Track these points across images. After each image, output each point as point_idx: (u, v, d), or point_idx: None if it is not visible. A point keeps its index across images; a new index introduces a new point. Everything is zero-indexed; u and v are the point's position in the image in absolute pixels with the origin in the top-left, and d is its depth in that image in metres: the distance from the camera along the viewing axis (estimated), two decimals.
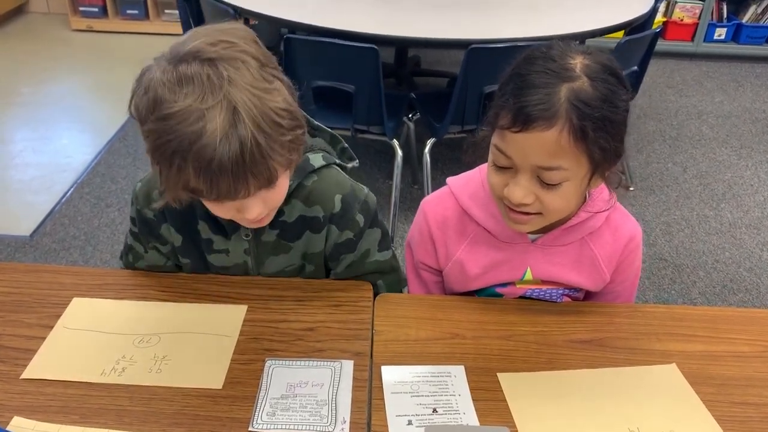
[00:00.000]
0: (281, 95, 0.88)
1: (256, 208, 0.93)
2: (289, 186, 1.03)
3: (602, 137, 0.90)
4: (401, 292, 1.24)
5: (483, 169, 1.08)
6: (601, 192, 1.07)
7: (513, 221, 1.01)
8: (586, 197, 1.06)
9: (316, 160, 1.08)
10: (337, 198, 1.08)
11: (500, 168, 0.97)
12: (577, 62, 0.91)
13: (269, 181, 0.89)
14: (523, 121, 0.89)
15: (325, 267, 1.17)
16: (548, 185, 0.93)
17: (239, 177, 0.85)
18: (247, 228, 1.08)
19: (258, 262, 1.13)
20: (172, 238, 1.12)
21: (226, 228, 1.08)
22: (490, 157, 0.99)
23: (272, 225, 1.07)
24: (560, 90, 0.89)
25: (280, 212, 1.06)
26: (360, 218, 1.10)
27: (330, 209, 1.08)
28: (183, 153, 0.82)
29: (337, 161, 1.12)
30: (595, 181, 0.98)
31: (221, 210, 0.95)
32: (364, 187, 1.13)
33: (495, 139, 0.96)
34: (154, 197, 1.08)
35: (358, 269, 1.14)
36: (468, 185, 1.12)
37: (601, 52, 0.95)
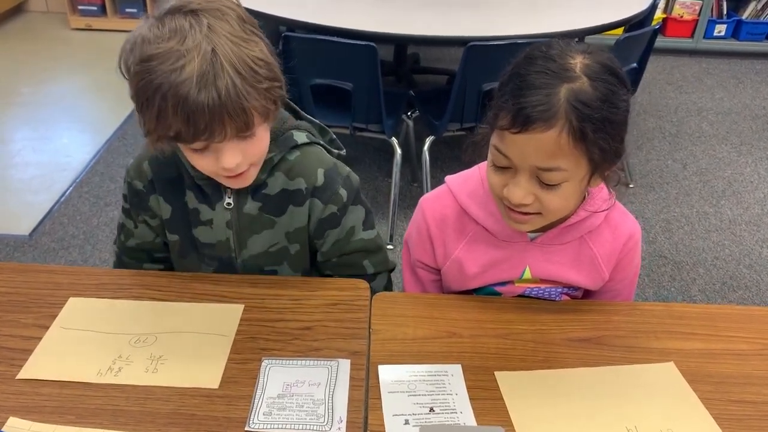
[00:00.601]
0: (259, 47, 0.93)
1: (234, 157, 0.95)
2: (273, 158, 1.07)
3: (602, 138, 0.89)
4: (390, 272, 1.25)
5: (482, 167, 1.07)
6: (601, 191, 1.06)
7: (513, 220, 1.00)
8: (585, 196, 1.06)
9: (300, 137, 1.11)
10: (320, 171, 1.11)
11: (500, 168, 0.96)
12: (577, 62, 0.90)
13: (246, 125, 0.92)
14: (522, 122, 0.89)
15: (310, 250, 1.17)
16: (547, 185, 0.93)
17: (215, 115, 0.88)
18: (230, 197, 1.10)
19: (240, 239, 1.13)
20: (160, 211, 1.15)
21: (210, 196, 1.11)
22: (490, 157, 0.98)
23: (254, 196, 1.10)
24: (560, 91, 0.88)
25: (262, 185, 1.09)
26: (343, 192, 1.12)
27: (312, 182, 1.10)
28: (163, 91, 0.87)
29: (322, 142, 1.14)
30: (594, 181, 0.97)
31: (202, 161, 0.98)
32: (347, 167, 1.15)
33: (494, 140, 0.96)
34: (144, 168, 1.13)
35: (344, 247, 1.15)
36: (467, 183, 1.12)
37: (601, 51, 0.94)
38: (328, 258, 1.17)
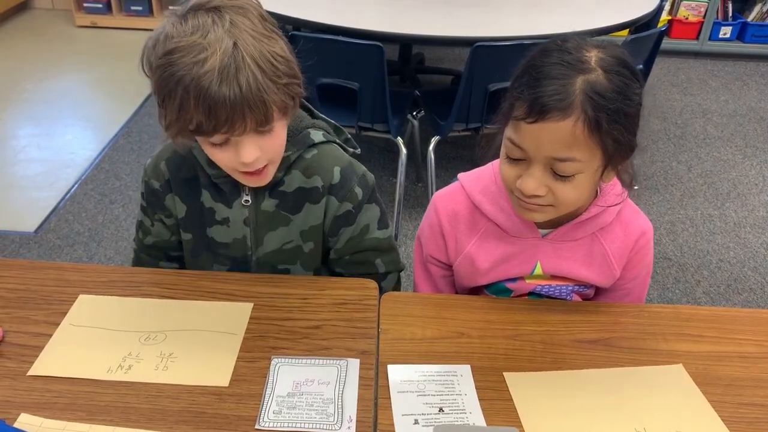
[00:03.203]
0: (279, 44, 0.95)
1: (252, 150, 0.96)
2: (290, 156, 1.08)
3: (616, 129, 0.90)
4: (400, 272, 1.25)
5: (495, 164, 1.08)
6: (614, 187, 1.07)
7: (524, 209, 1.00)
8: (597, 192, 1.06)
9: (317, 135, 1.12)
10: (336, 169, 1.11)
11: (513, 160, 0.97)
12: (592, 55, 0.92)
13: (266, 119, 0.93)
14: (539, 111, 0.89)
15: (323, 247, 1.17)
16: (561, 177, 0.94)
17: (236, 108, 0.89)
18: (248, 194, 1.10)
19: (257, 236, 1.14)
20: (176, 210, 1.16)
21: (228, 194, 1.11)
22: (503, 150, 0.99)
23: (271, 194, 1.11)
24: (576, 81, 0.89)
25: (279, 182, 1.10)
26: (359, 191, 1.13)
27: (329, 180, 1.11)
28: (185, 84, 0.89)
29: (338, 141, 1.15)
30: (607, 174, 0.98)
31: (221, 154, 0.98)
32: (363, 166, 1.16)
33: (508, 132, 0.96)
34: (161, 168, 1.14)
35: (358, 245, 1.16)
36: (479, 180, 1.13)
37: (615, 46, 0.95)
38: (341, 255, 1.17)
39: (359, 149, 1.19)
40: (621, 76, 0.91)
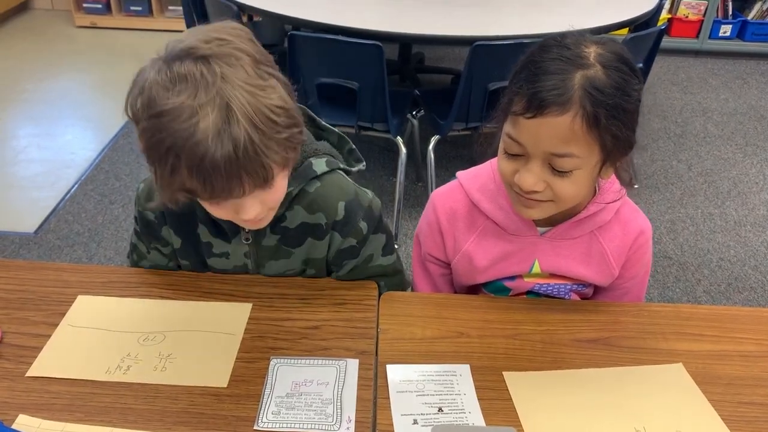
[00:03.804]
0: (277, 93, 0.86)
1: (254, 209, 0.91)
2: (292, 192, 1.02)
3: (615, 125, 0.90)
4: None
5: (493, 162, 1.08)
6: (612, 184, 1.07)
7: (523, 206, 1.00)
8: (596, 189, 1.06)
9: (320, 165, 1.06)
10: (341, 205, 1.06)
11: (512, 156, 0.97)
12: (591, 51, 0.92)
13: (265, 180, 0.87)
14: (537, 106, 0.89)
15: (327, 269, 1.16)
16: (559, 172, 0.93)
17: (233, 175, 0.83)
18: (248, 232, 1.07)
19: (258, 264, 1.12)
20: (172, 240, 1.12)
21: (227, 231, 1.08)
22: (501, 145, 0.99)
23: (273, 230, 1.07)
24: (574, 76, 0.89)
25: (281, 218, 1.06)
26: (363, 225, 1.09)
27: (333, 216, 1.07)
28: (176, 150, 0.82)
29: (342, 165, 1.10)
30: (606, 170, 0.98)
31: (219, 211, 0.94)
32: (369, 192, 1.11)
33: (507, 127, 0.96)
34: (155, 198, 1.06)
35: (361, 273, 1.14)
36: (477, 178, 1.13)
37: (614, 42, 0.95)
38: (344, 280, 1.14)
39: (364, 163, 1.14)
40: (620, 72, 0.91)
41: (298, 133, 0.90)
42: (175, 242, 1.12)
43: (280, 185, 0.94)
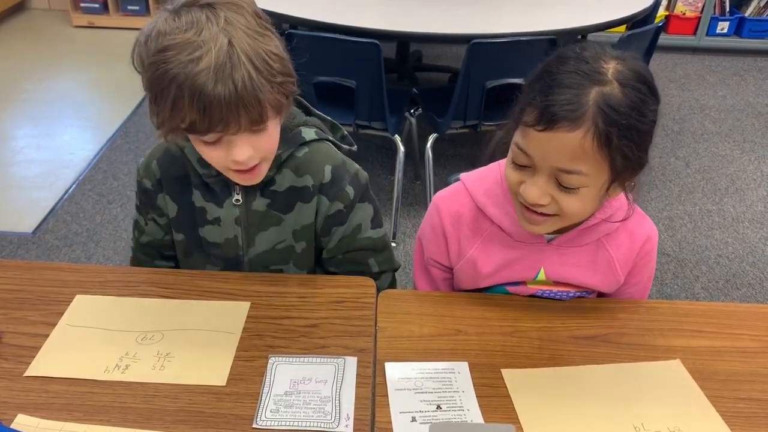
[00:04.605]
0: (273, 42, 0.94)
1: (245, 149, 0.96)
2: (281, 155, 1.07)
3: (626, 145, 0.87)
4: (395, 271, 1.24)
5: (501, 164, 1.05)
6: (620, 197, 1.04)
7: (528, 221, 0.99)
8: (604, 201, 1.04)
9: (309, 133, 1.11)
10: (327, 168, 1.11)
11: (519, 166, 0.95)
12: (610, 67, 0.89)
13: (260, 117, 0.92)
14: (549, 120, 0.87)
15: (316, 247, 1.17)
16: (566, 188, 0.91)
17: (231, 107, 0.88)
18: (239, 194, 1.10)
19: (249, 236, 1.14)
20: (168, 209, 1.16)
21: (219, 194, 1.11)
22: (510, 154, 0.97)
23: (263, 193, 1.11)
24: (590, 92, 0.87)
25: (270, 181, 1.10)
26: (350, 190, 1.12)
27: (320, 179, 1.11)
28: (179, 82, 0.87)
29: (331, 138, 1.14)
30: (613, 190, 0.95)
31: (214, 153, 0.97)
32: (357, 164, 1.15)
33: (517, 137, 0.94)
34: (153, 167, 1.13)
35: (350, 244, 1.15)
36: (483, 182, 1.10)
37: (635, 59, 0.92)
38: (333, 254, 1.17)
39: (355, 146, 1.18)
40: (637, 91, 0.88)
41: (291, 84, 0.97)
42: (171, 210, 1.15)
43: (272, 132, 0.99)
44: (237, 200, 1.11)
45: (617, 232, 1.08)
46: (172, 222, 1.17)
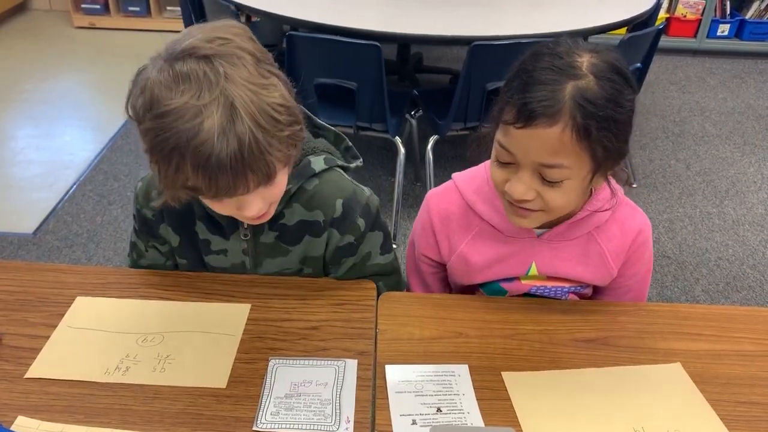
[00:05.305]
0: (278, 91, 0.88)
1: (256, 205, 0.93)
2: (290, 189, 1.03)
3: (606, 137, 0.89)
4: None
5: (488, 164, 1.07)
6: (603, 190, 1.06)
7: (515, 215, 1.00)
8: (591, 192, 1.06)
9: (318, 163, 1.07)
10: (338, 202, 1.07)
11: (502, 164, 0.97)
12: (584, 60, 0.91)
13: (268, 177, 0.88)
14: (527, 117, 0.89)
15: (324, 269, 1.16)
16: (550, 182, 0.93)
17: (238, 173, 0.84)
18: (246, 228, 1.08)
19: (256, 262, 1.13)
20: (170, 238, 1.13)
21: (225, 228, 1.08)
22: (493, 152, 0.99)
23: (271, 227, 1.08)
24: (565, 87, 0.88)
25: (280, 215, 1.06)
26: (361, 222, 1.09)
27: (331, 214, 1.08)
28: (181, 150, 0.82)
29: (340, 163, 1.11)
30: (597, 180, 0.97)
31: (221, 207, 0.95)
32: (366, 189, 1.12)
33: (498, 135, 0.96)
34: (153, 196, 1.08)
35: (359, 272, 1.14)
36: (473, 180, 1.13)
37: (609, 51, 0.94)
38: (342, 279, 1.14)
39: (361, 159, 1.15)
40: (612, 83, 0.89)
41: (299, 131, 0.91)
42: (173, 240, 1.13)
43: (281, 181, 0.95)
44: (245, 235, 1.08)
45: (607, 225, 1.09)
46: (175, 250, 1.14)
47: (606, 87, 0.89)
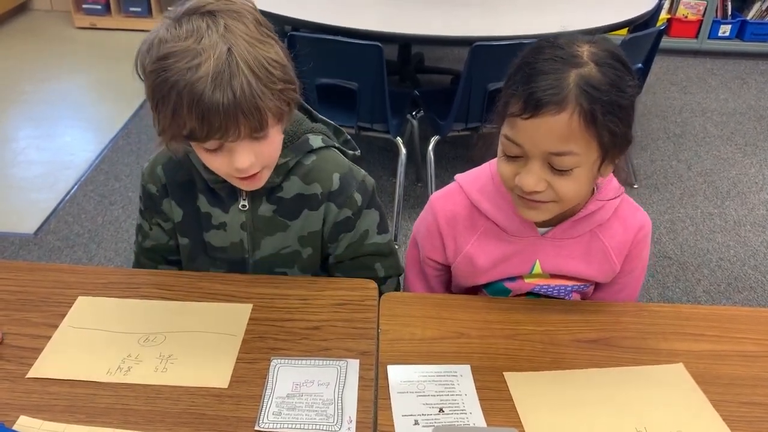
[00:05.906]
0: (274, 49, 0.94)
1: (246, 156, 0.95)
2: (288, 162, 1.07)
3: (611, 121, 0.91)
4: (399, 276, 1.25)
5: (492, 164, 1.08)
6: (610, 182, 1.07)
7: (526, 208, 1.00)
8: (594, 189, 1.06)
9: (316, 140, 1.11)
10: (335, 176, 1.11)
11: (511, 158, 0.97)
12: (584, 50, 0.93)
13: (260, 125, 0.92)
14: (534, 106, 0.90)
15: (322, 252, 1.17)
16: (560, 171, 0.94)
17: (230, 115, 0.89)
18: (245, 199, 1.10)
19: (254, 240, 1.14)
20: (173, 214, 1.16)
21: (225, 200, 1.11)
22: (500, 148, 0.99)
23: (269, 199, 1.11)
24: (569, 75, 0.90)
25: (277, 188, 1.10)
26: (358, 197, 1.12)
27: (328, 187, 1.11)
28: (178, 89, 0.88)
29: (337, 144, 1.14)
30: (605, 167, 0.98)
31: (215, 161, 0.98)
32: (363, 170, 1.15)
33: (505, 129, 0.97)
34: (158, 172, 1.13)
35: (357, 250, 1.15)
36: (477, 180, 1.13)
37: (606, 40, 0.96)
38: (340, 260, 1.17)
39: (359, 151, 1.18)
40: (613, 69, 0.92)
41: (293, 90, 0.96)
42: (176, 215, 1.15)
43: (274, 139, 0.99)
44: (243, 206, 1.11)
45: (610, 222, 1.10)
46: (177, 227, 1.17)
47: (608, 73, 0.91)
